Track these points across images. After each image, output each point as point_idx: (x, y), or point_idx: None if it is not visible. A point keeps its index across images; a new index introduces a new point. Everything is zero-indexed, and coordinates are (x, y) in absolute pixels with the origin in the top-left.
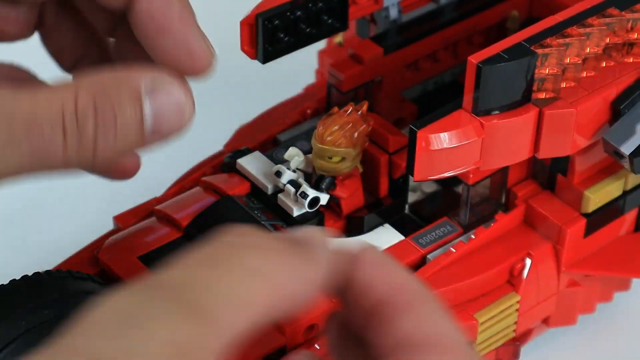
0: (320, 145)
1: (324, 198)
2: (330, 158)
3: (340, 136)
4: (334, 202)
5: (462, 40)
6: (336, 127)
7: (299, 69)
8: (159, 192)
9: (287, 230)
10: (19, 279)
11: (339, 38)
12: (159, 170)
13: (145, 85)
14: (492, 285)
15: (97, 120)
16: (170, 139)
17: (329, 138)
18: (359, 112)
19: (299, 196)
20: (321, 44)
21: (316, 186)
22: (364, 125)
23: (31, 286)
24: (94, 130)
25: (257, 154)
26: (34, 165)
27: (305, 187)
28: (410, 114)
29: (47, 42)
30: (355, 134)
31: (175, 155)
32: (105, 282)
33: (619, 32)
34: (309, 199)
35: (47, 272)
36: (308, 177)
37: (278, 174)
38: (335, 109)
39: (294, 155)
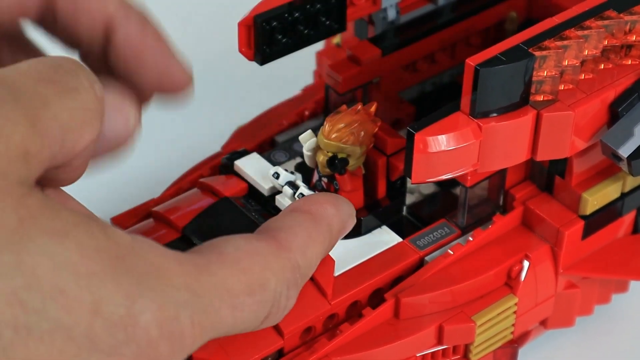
0: (326, 141)
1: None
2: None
3: (348, 133)
4: None
5: (460, 42)
6: (343, 124)
7: (297, 71)
8: (156, 193)
9: None
10: None
11: (337, 39)
12: (157, 171)
13: None
14: (490, 287)
15: None
16: (117, 146)
17: (335, 134)
18: (368, 112)
19: (296, 197)
20: (319, 45)
21: (330, 165)
22: (372, 125)
23: None
24: None
25: (254, 155)
26: None
27: (303, 189)
28: (408, 115)
29: None
30: (362, 133)
31: (172, 156)
32: None
33: (617, 34)
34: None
35: None
36: (305, 179)
37: (276, 175)
38: (344, 107)
39: (308, 138)
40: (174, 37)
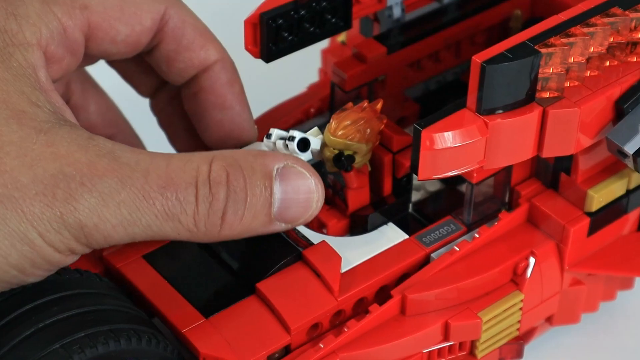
0: (333, 138)
1: (314, 142)
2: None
3: (354, 131)
4: (339, 198)
5: (465, 40)
6: (349, 122)
7: (303, 68)
8: None
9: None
10: None
11: (342, 37)
12: None
13: (278, 169)
14: (496, 283)
15: (229, 191)
16: (293, 226)
17: (341, 131)
18: (374, 109)
19: (288, 142)
20: (324, 43)
21: (336, 162)
22: (378, 123)
23: (40, 285)
24: (224, 201)
25: (256, 143)
26: (162, 228)
27: (292, 131)
28: (413, 113)
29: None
30: (368, 130)
31: None
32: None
33: (623, 31)
34: (296, 140)
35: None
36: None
37: (268, 136)
38: (350, 104)
39: (314, 136)
40: None
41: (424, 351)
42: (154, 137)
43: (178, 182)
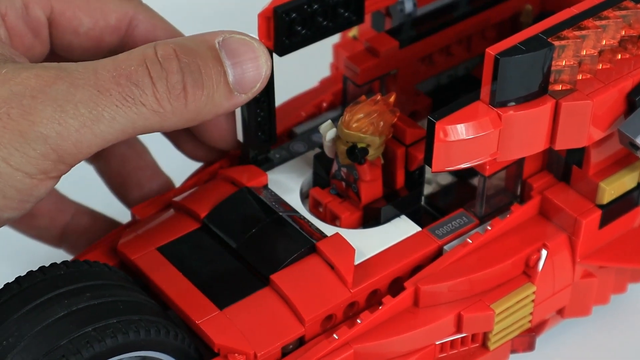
0: (346, 131)
1: None
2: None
3: (367, 123)
4: (352, 191)
5: (476, 34)
6: (362, 114)
7: (315, 63)
8: (176, 184)
9: (303, 221)
10: (60, 263)
11: (353, 32)
12: (177, 162)
13: (219, 42)
14: (508, 276)
15: (182, 64)
16: (253, 93)
17: (355, 124)
18: (387, 102)
19: None
20: (336, 38)
21: (350, 155)
22: (391, 116)
23: (73, 272)
24: (180, 72)
25: None
26: (128, 118)
27: None
28: (425, 107)
29: None
30: (381, 123)
31: None
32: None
33: (635, 24)
34: None
35: (86, 261)
36: (325, 170)
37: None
38: (363, 97)
39: (328, 129)
40: (193, 29)
41: (437, 343)
42: (157, 142)
43: (127, 68)
